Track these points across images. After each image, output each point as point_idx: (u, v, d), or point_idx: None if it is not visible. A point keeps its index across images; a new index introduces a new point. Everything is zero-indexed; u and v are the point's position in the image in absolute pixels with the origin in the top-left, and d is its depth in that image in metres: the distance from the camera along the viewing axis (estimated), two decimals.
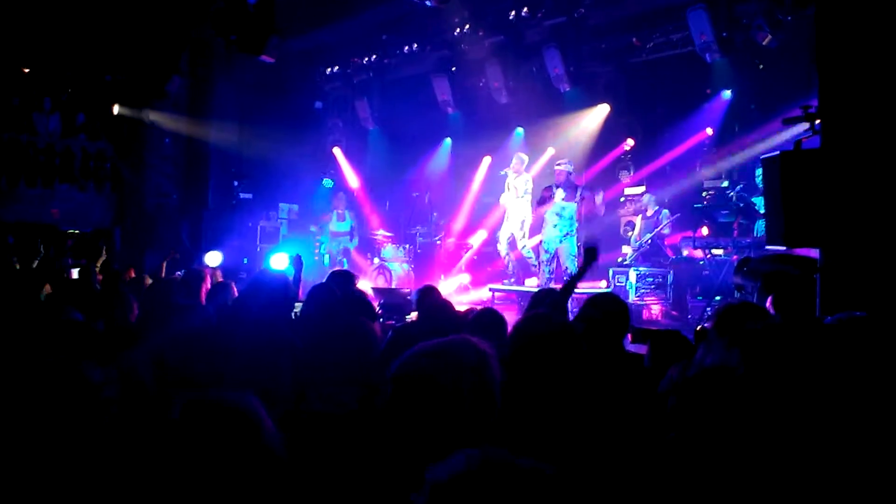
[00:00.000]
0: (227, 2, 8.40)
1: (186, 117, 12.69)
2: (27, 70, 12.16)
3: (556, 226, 9.82)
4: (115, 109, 12.50)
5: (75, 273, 7.25)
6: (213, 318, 3.02)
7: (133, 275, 8.13)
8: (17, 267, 6.38)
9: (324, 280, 4.71)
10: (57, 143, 12.61)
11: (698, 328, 4.04)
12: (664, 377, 2.15)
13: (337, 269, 8.86)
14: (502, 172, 11.16)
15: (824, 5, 4.63)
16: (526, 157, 11.17)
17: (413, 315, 5.64)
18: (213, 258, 9.28)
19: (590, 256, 4.86)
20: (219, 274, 7.65)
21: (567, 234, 9.76)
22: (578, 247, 9.53)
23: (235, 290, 4.80)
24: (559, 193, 9.84)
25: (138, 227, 12.17)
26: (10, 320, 3.18)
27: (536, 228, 10.56)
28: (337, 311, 3.58)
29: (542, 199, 10.04)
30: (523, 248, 10.63)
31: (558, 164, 10.15)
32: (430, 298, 4.53)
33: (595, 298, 3.36)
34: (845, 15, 4.48)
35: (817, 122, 4.63)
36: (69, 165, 12.61)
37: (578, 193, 9.75)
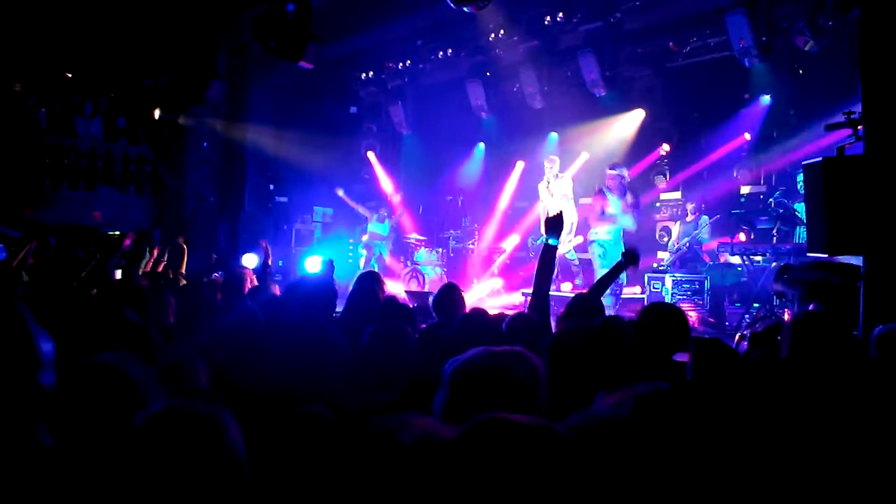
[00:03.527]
0: (267, 9, 8.50)
1: (224, 121, 12.88)
2: (70, 75, 12.47)
3: (608, 232, 9.38)
4: (156, 114, 12.76)
5: (118, 273, 7.39)
6: (261, 319, 3.06)
7: (171, 276, 8.28)
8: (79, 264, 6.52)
9: (352, 283, 4.68)
10: (99, 146, 12.93)
11: (738, 335, 4.01)
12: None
13: (365, 271, 8.80)
14: (549, 177, 10.79)
15: (869, 9, 4.58)
16: (556, 159, 10.92)
17: None
18: (250, 260, 9.40)
19: (629, 260, 4.88)
20: (253, 277, 7.72)
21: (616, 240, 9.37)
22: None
23: (278, 291, 4.86)
24: (613, 202, 9.32)
25: (177, 229, 12.38)
26: (65, 317, 3.26)
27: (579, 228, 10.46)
28: (377, 315, 3.60)
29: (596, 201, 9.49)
30: (567, 251, 10.44)
31: (612, 169, 9.54)
32: (450, 300, 4.44)
33: (655, 311, 3.37)
34: (890, 19, 4.43)
35: (860, 127, 4.58)
36: (110, 169, 12.92)
37: (629, 198, 9.32)
